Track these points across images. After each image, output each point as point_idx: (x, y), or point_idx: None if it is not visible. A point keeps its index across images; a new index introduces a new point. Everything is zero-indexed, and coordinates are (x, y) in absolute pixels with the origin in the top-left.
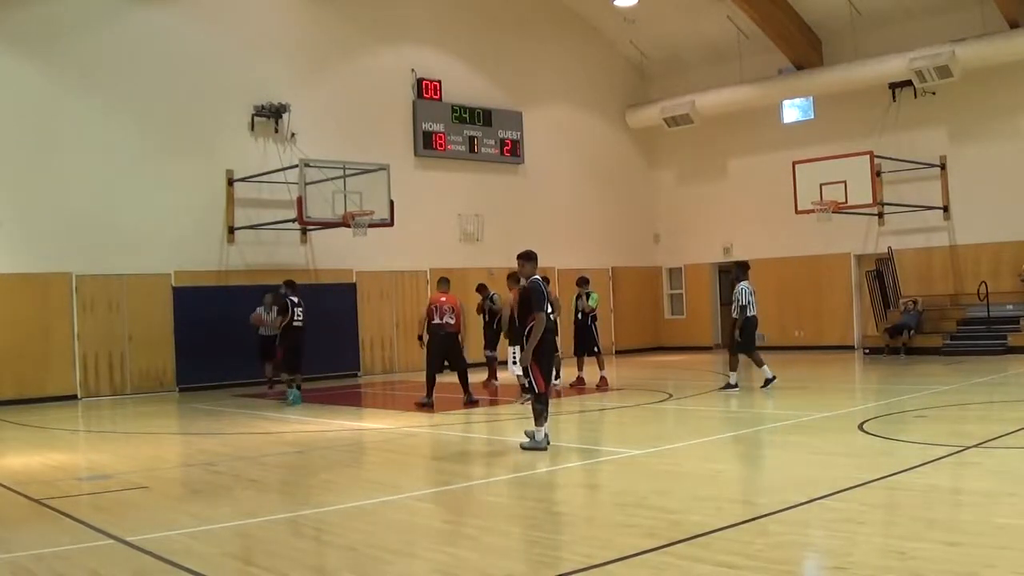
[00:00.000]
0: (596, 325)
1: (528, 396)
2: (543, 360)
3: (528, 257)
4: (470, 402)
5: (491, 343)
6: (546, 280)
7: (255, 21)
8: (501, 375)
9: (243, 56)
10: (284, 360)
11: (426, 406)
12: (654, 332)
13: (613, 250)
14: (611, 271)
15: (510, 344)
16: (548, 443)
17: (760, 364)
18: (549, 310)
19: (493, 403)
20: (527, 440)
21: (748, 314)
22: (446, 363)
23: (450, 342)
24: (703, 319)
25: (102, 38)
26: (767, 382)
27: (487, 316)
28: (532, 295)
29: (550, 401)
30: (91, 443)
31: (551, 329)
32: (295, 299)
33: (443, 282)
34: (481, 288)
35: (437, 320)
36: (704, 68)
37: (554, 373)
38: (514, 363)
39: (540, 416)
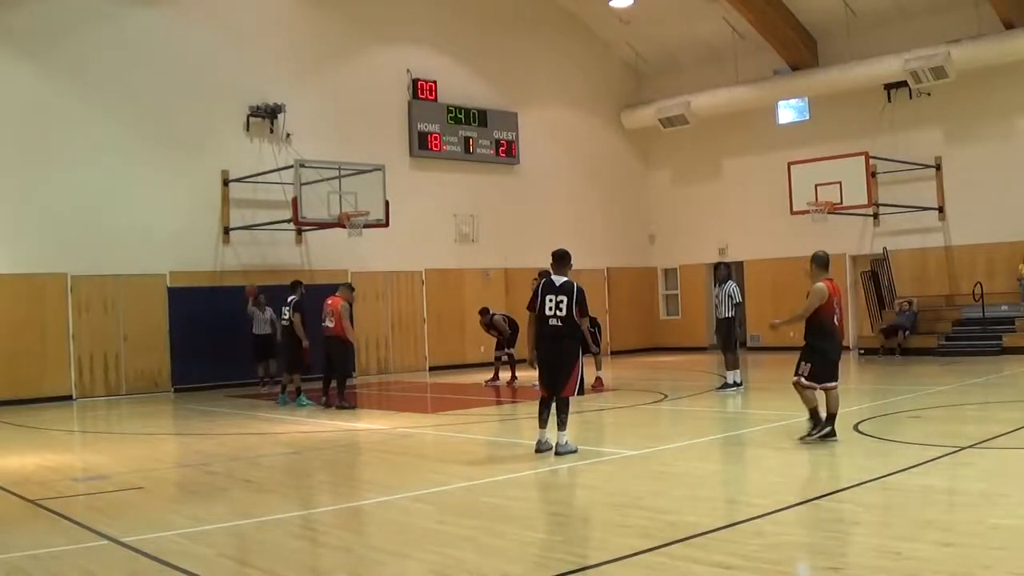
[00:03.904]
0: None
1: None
2: (540, 364)
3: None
4: (341, 407)
5: (499, 344)
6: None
7: (250, 21)
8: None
9: (238, 56)
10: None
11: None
12: (649, 332)
13: (608, 251)
14: (606, 271)
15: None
16: (577, 447)
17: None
18: (561, 312)
19: (485, 404)
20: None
21: (729, 315)
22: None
23: (329, 345)
24: (698, 320)
25: (97, 38)
26: (731, 385)
27: (496, 333)
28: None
29: (569, 401)
30: (86, 444)
31: (548, 335)
32: (291, 300)
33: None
34: (482, 312)
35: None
36: (699, 69)
37: (576, 376)
38: None
39: (538, 417)
